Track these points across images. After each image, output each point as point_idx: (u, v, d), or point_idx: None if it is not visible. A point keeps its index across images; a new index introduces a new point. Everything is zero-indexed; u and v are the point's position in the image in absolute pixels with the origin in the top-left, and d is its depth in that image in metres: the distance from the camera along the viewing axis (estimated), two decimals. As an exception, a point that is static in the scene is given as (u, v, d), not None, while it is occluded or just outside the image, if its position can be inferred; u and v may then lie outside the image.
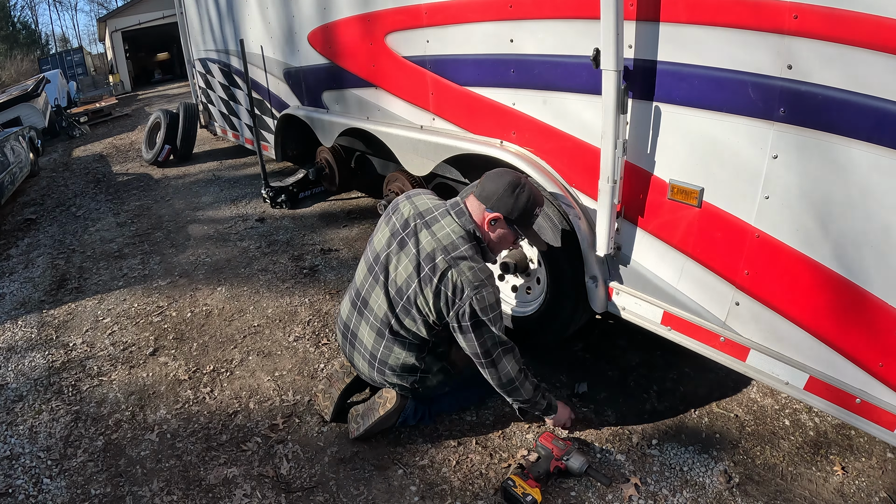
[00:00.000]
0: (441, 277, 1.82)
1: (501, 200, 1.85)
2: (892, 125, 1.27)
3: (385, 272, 1.97)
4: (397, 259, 1.93)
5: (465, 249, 1.83)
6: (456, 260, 1.81)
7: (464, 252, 1.83)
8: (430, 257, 1.84)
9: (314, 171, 4.49)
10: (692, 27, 1.56)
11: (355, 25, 2.98)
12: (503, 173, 1.89)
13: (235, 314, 3.11)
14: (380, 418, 2.04)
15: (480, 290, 1.79)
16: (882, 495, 1.78)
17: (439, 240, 1.86)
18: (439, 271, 1.82)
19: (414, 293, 1.89)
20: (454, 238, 1.85)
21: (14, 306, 3.49)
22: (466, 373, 2.14)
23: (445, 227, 1.88)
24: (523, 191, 1.86)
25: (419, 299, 1.88)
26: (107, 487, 2.02)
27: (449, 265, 1.81)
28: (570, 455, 1.88)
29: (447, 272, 1.81)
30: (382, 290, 1.98)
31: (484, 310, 1.80)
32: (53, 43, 36.80)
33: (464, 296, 1.79)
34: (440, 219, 1.90)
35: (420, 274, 1.86)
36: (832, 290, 1.49)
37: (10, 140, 6.05)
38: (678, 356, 2.39)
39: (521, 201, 1.85)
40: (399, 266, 1.92)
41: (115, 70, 18.11)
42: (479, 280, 1.79)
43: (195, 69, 6.11)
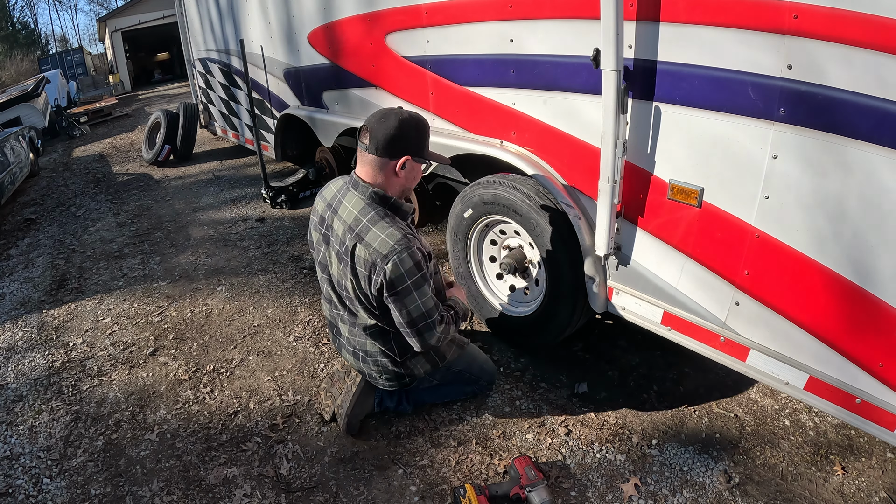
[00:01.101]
0: (352, 257, 1.78)
1: (396, 143, 1.75)
2: (892, 125, 1.27)
3: (327, 272, 1.96)
4: (329, 256, 1.92)
5: (370, 219, 1.76)
6: (360, 235, 1.76)
7: (366, 223, 1.76)
8: (342, 241, 1.81)
9: (314, 171, 4.50)
10: (692, 27, 1.56)
11: (355, 25, 2.98)
12: (384, 116, 1.77)
13: (235, 314, 3.11)
14: (354, 397, 2.07)
15: (390, 258, 1.70)
16: (882, 495, 1.78)
17: (345, 221, 1.81)
18: (349, 251, 1.78)
19: (346, 283, 1.86)
20: (356, 213, 1.79)
21: (14, 306, 3.49)
22: (456, 366, 2.15)
23: (348, 205, 1.83)
24: (406, 121, 1.76)
25: (348, 288, 1.85)
26: (107, 487, 2.02)
27: (355, 242, 1.76)
28: (535, 487, 1.78)
29: (355, 250, 1.77)
30: (331, 288, 1.98)
31: (399, 277, 1.72)
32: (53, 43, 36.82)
33: (377, 268, 1.73)
34: (343, 200, 1.85)
35: (341, 262, 1.83)
36: (832, 290, 1.49)
37: (10, 140, 6.05)
38: (678, 356, 2.39)
39: (416, 134, 1.78)
40: (332, 262, 1.91)
41: (115, 70, 18.11)
42: (388, 247, 1.71)
43: (195, 69, 6.11)
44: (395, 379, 2.07)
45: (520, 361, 2.50)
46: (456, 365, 2.15)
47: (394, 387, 2.10)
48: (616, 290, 2.09)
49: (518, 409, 2.24)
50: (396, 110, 1.80)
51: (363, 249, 1.75)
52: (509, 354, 2.54)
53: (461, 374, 2.19)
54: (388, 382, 2.08)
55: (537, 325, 2.37)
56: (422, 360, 2.07)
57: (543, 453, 2.02)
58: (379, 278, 1.74)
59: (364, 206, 1.79)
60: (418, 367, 2.07)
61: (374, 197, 1.80)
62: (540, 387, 2.35)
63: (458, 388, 2.24)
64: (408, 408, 2.20)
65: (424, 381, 2.14)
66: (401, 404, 2.19)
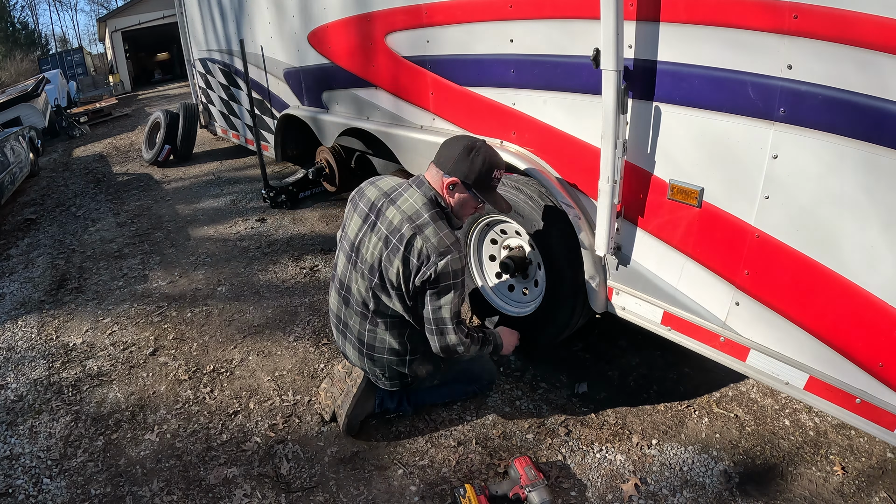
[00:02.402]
0: (407, 245, 1.82)
1: (457, 164, 1.84)
2: (892, 125, 1.27)
3: (359, 255, 1.98)
4: (368, 240, 1.94)
5: (429, 216, 1.83)
6: (420, 227, 1.82)
7: (427, 219, 1.83)
8: (397, 229, 1.85)
9: (314, 171, 4.49)
10: (692, 27, 1.56)
11: (355, 25, 2.98)
12: (459, 138, 1.90)
13: (235, 314, 3.11)
14: (355, 398, 2.08)
15: (445, 255, 1.79)
16: (882, 495, 1.78)
17: (404, 211, 1.86)
18: (405, 240, 1.82)
19: (385, 268, 1.89)
20: (418, 207, 1.85)
21: (14, 306, 3.48)
22: (457, 366, 2.15)
23: (409, 199, 1.88)
24: (478, 154, 1.84)
25: (390, 272, 1.88)
26: (107, 487, 2.02)
27: (414, 233, 1.81)
28: (535, 488, 1.77)
29: (413, 240, 1.81)
30: (359, 273, 1.99)
31: (446, 275, 1.80)
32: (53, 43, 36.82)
33: (429, 262, 1.80)
34: (404, 193, 1.91)
35: (388, 247, 1.86)
36: (832, 291, 1.49)
37: (10, 140, 6.05)
38: (678, 356, 2.39)
39: (476, 164, 1.83)
40: (371, 246, 1.93)
41: (115, 70, 18.11)
42: (444, 246, 1.79)
43: (195, 69, 6.11)
44: (397, 378, 2.07)
45: (520, 361, 2.50)
46: (458, 365, 2.16)
47: (395, 386, 2.10)
48: (616, 290, 2.09)
49: (518, 409, 2.24)
50: (477, 139, 1.90)
51: (421, 241, 1.81)
52: (509, 354, 2.54)
53: (463, 374, 2.20)
54: (390, 382, 2.08)
55: (537, 325, 2.37)
56: (426, 362, 2.07)
57: (543, 453, 2.02)
58: (429, 271, 1.80)
59: (425, 203, 1.86)
60: (421, 368, 2.08)
61: (434, 199, 1.88)
62: (540, 387, 2.35)
63: (459, 388, 2.25)
64: (408, 409, 2.20)
65: (426, 382, 2.14)
66: (401, 405, 2.19)
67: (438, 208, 1.88)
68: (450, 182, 1.85)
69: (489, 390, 2.31)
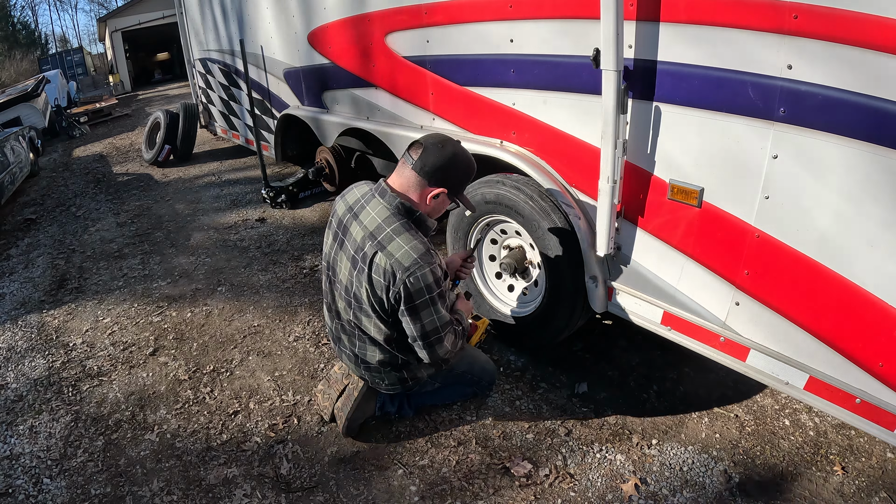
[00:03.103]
0: (370, 265, 1.74)
1: (444, 173, 1.77)
2: (892, 125, 1.27)
3: (335, 276, 1.94)
4: (340, 260, 1.89)
5: (392, 230, 1.73)
6: (382, 244, 1.73)
7: (390, 233, 1.73)
8: (360, 247, 1.78)
9: (314, 171, 4.49)
10: (692, 27, 1.56)
11: (355, 25, 2.98)
12: (443, 143, 1.79)
13: (235, 314, 3.11)
14: (356, 402, 2.07)
15: (414, 270, 1.69)
16: (882, 495, 1.78)
17: (366, 227, 1.78)
18: (368, 259, 1.75)
19: (357, 289, 1.83)
20: (380, 221, 1.76)
21: (14, 306, 3.48)
22: (458, 368, 2.14)
23: (371, 212, 1.80)
24: (460, 160, 1.79)
25: (361, 294, 1.82)
26: (107, 487, 2.02)
27: (376, 250, 1.73)
28: None
29: (374, 258, 1.74)
30: (339, 294, 1.94)
31: (419, 291, 1.71)
32: (53, 43, 36.80)
33: (396, 279, 1.71)
34: (366, 205, 1.82)
35: (356, 268, 1.80)
36: (832, 291, 1.49)
37: (10, 140, 6.05)
38: (678, 356, 2.39)
39: (460, 172, 1.80)
40: (342, 267, 1.88)
41: (115, 70, 18.10)
42: (411, 260, 1.69)
43: (195, 69, 6.11)
44: (398, 383, 2.05)
45: (520, 361, 2.50)
46: (458, 367, 2.15)
47: (397, 390, 2.09)
48: (616, 290, 2.09)
49: (518, 409, 2.24)
50: (456, 142, 1.82)
51: (384, 258, 1.72)
52: (509, 354, 2.54)
53: (463, 376, 2.19)
54: (391, 387, 2.07)
55: (537, 325, 2.37)
56: (425, 364, 2.05)
57: (543, 453, 2.02)
58: (398, 289, 1.71)
59: (389, 216, 1.76)
60: (421, 371, 2.06)
61: (401, 208, 1.77)
62: (540, 387, 2.35)
63: (459, 390, 2.24)
64: (409, 412, 2.19)
65: (427, 385, 2.13)
66: (402, 409, 2.18)
67: (405, 218, 1.77)
68: (437, 192, 1.78)
69: (490, 391, 2.31)
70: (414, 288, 1.70)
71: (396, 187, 1.81)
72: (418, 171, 1.77)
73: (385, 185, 1.81)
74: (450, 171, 1.77)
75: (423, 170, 1.76)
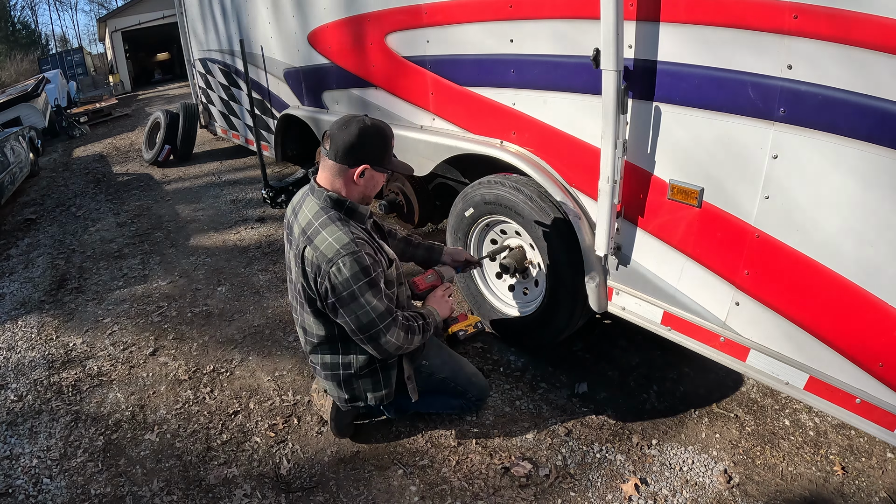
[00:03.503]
0: (302, 260, 1.76)
1: (359, 150, 1.74)
2: (892, 125, 1.27)
3: (290, 278, 1.94)
4: (289, 260, 1.90)
5: (321, 223, 1.74)
6: (310, 238, 1.74)
7: (317, 227, 1.74)
8: (297, 244, 1.80)
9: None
10: (692, 27, 1.56)
11: (356, 25, 2.98)
12: (343, 126, 1.75)
13: (235, 314, 3.11)
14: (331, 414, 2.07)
15: (335, 261, 1.67)
16: (882, 495, 1.78)
17: (300, 224, 1.80)
18: (300, 254, 1.76)
19: (299, 287, 1.83)
20: (310, 216, 1.78)
21: (14, 306, 3.49)
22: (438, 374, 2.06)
23: (305, 210, 1.82)
24: (372, 131, 1.75)
25: (301, 290, 1.82)
26: (107, 487, 2.02)
27: (305, 245, 1.75)
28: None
29: (304, 252, 1.75)
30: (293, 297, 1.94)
31: (344, 282, 1.68)
32: (53, 43, 36.80)
33: (321, 271, 1.70)
34: (304, 205, 1.84)
35: (296, 265, 1.81)
36: (832, 290, 1.49)
37: (10, 140, 6.05)
38: (678, 356, 2.39)
39: (376, 142, 1.77)
40: (290, 266, 1.89)
41: (115, 70, 18.10)
42: (333, 251, 1.68)
43: (195, 69, 6.11)
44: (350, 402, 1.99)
45: (520, 361, 2.50)
46: (439, 372, 2.06)
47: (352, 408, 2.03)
48: (616, 290, 2.09)
49: (518, 409, 2.24)
50: (359, 118, 1.79)
51: (311, 252, 1.73)
52: (509, 354, 2.54)
53: (445, 383, 2.09)
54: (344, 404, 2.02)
55: (537, 325, 2.37)
56: (368, 384, 1.96)
57: (543, 453, 2.02)
58: (324, 282, 1.71)
59: (318, 210, 1.78)
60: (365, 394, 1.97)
61: (329, 201, 1.79)
62: (540, 387, 2.35)
63: (443, 400, 2.14)
64: (392, 413, 2.13)
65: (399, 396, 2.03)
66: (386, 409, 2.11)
67: (333, 210, 1.78)
68: (360, 170, 1.76)
69: (478, 407, 2.21)
70: (338, 279, 1.68)
71: (323, 182, 1.82)
72: (333, 158, 1.77)
73: (314, 182, 1.84)
74: (362, 145, 1.75)
75: (338, 155, 1.76)
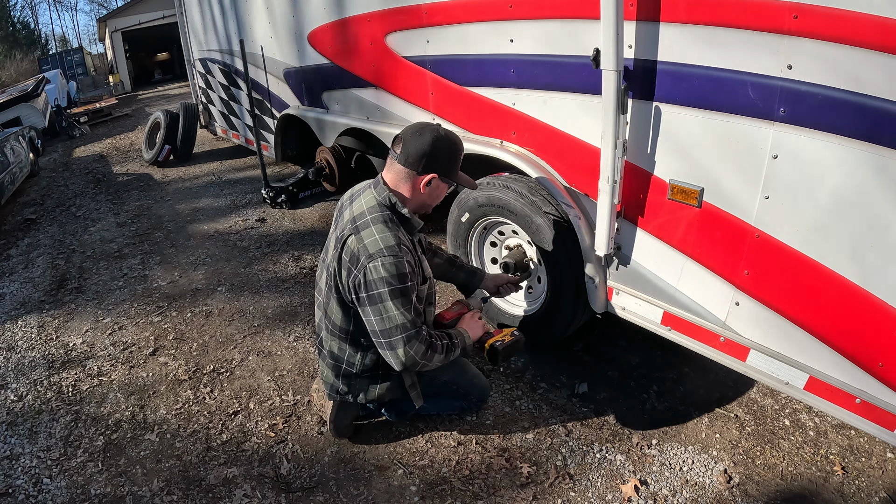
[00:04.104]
0: (343, 246, 1.76)
1: (430, 158, 1.75)
2: (892, 125, 1.27)
3: (325, 258, 1.94)
4: (329, 241, 1.91)
5: (371, 218, 1.74)
6: (358, 228, 1.74)
7: (368, 220, 1.74)
8: (343, 229, 1.81)
9: (314, 171, 4.49)
10: (692, 27, 1.56)
11: (356, 25, 2.98)
12: (418, 132, 1.77)
13: (235, 314, 3.11)
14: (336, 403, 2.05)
15: (376, 258, 1.66)
16: (882, 495, 1.78)
17: (353, 211, 1.80)
18: (343, 240, 1.77)
19: (331, 271, 1.83)
20: (365, 208, 1.78)
21: (14, 306, 3.48)
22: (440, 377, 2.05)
23: (362, 199, 1.82)
24: (444, 140, 1.77)
25: (333, 276, 1.82)
26: (107, 487, 2.02)
27: (350, 233, 1.75)
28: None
29: (347, 240, 1.75)
30: (321, 275, 1.96)
31: (378, 281, 1.67)
32: (53, 43, 36.78)
33: (359, 264, 1.70)
34: (362, 195, 1.85)
35: (335, 248, 1.81)
36: (832, 291, 1.49)
37: (10, 140, 6.05)
38: (678, 356, 2.39)
39: (446, 152, 1.78)
40: (329, 247, 1.89)
41: (115, 70, 18.11)
42: (377, 248, 1.68)
43: (195, 69, 6.11)
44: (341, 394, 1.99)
45: (520, 361, 2.50)
46: (441, 376, 2.05)
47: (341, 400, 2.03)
48: (616, 290, 2.09)
49: (518, 409, 2.24)
50: (434, 126, 1.80)
51: (355, 242, 1.72)
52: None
53: (447, 386, 2.09)
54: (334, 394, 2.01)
55: (538, 325, 2.37)
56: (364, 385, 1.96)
57: (543, 453, 2.02)
58: (359, 275, 1.70)
59: (375, 205, 1.78)
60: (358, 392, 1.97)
61: (388, 201, 1.79)
62: (540, 387, 2.35)
63: (444, 402, 2.14)
64: (392, 416, 2.13)
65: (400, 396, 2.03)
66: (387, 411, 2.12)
67: (389, 211, 1.78)
68: (428, 179, 1.78)
69: (479, 408, 2.21)
70: (372, 276, 1.68)
71: (389, 182, 1.82)
72: (403, 163, 1.77)
73: (381, 178, 1.84)
74: (434, 154, 1.76)
75: (408, 161, 1.76)
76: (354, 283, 1.73)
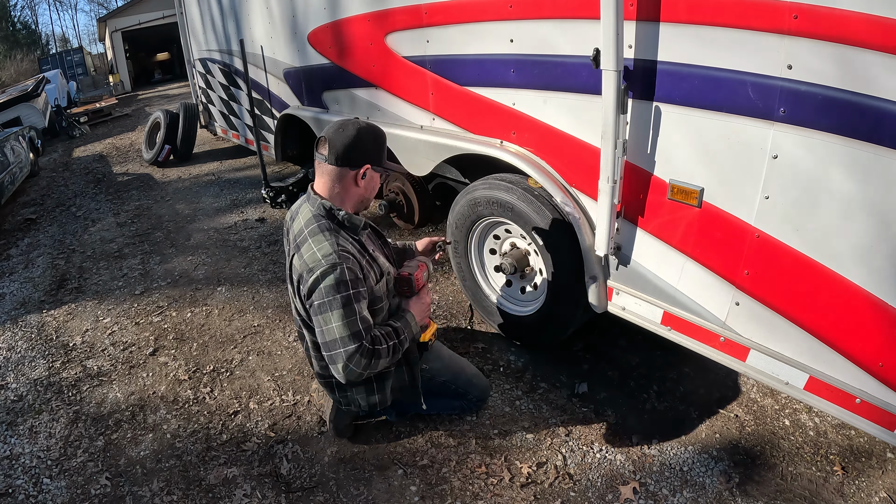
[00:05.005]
0: (290, 268, 1.80)
1: (361, 151, 1.75)
2: (892, 125, 1.27)
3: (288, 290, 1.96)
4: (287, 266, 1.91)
5: (310, 231, 1.73)
6: (298, 245, 1.75)
7: (305, 235, 1.74)
8: (287, 253, 1.83)
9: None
10: (692, 27, 1.56)
11: (356, 25, 2.98)
12: (342, 126, 1.76)
13: (235, 314, 3.11)
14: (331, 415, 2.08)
15: (315, 270, 1.66)
16: (882, 495, 1.78)
17: (293, 231, 1.82)
18: (289, 264, 1.80)
19: (291, 294, 1.86)
20: (302, 224, 1.78)
21: (14, 306, 3.49)
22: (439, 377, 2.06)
23: (300, 217, 1.82)
24: (369, 131, 1.77)
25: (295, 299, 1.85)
26: (107, 487, 2.02)
27: (294, 252, 1.77)
28: None
29: (293, 261, 1.77)
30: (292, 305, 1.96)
31: (317, 292, 1.66)
32: (53, 43, 36.75)
33: (302, 280, 1.71)
34: (299, 213, 1.85)
35: (288, 271, 1.84)
36: (832, 290, 1.49)
37: (10, 140, 6.05)
38: (678, 356, 2.39)
39: (372, 142, 1.78)
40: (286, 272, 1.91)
41: (115, 70, 18.10)
42: (314, 260, 1.67)
43: (195, 69, 6.11)
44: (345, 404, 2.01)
45: (520, 361, 2.50)
46: (439, 376, 2.07)
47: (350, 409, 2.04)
48: (616, 290, 2.09)
49: (518, 409, 2.24)
50: (353, 120, 1.80)
51: (297, 260, 1.74)
52: (509, 354, 2.54)
53: (446, 386, 2.10)
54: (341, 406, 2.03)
55: (539, 325, 2.37)
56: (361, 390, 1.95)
57: (543, 453, 2.02)
58: (304, 289, 1.71)
59: (310, 218, 1.77)
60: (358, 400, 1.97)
61: (322, 209, 1.77)
62: (540, 387, 2.35)
63: (444, 402, 2.15)
64: (392, 416, 2.14)
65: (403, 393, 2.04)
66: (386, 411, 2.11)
67: (325, 219, 1.75)
68: (363, 171, 1.77)
69: (479, 407, 2.21)
70: (312, 287, 1.68)
71: (319, 189, 1.81)
72: (334, 162, 1.76)
73: (310, 190, 1.83)
74: (361, 146, 1.76)
75: (338, 159, 1.75)
76: (304, 299, 1.74)
